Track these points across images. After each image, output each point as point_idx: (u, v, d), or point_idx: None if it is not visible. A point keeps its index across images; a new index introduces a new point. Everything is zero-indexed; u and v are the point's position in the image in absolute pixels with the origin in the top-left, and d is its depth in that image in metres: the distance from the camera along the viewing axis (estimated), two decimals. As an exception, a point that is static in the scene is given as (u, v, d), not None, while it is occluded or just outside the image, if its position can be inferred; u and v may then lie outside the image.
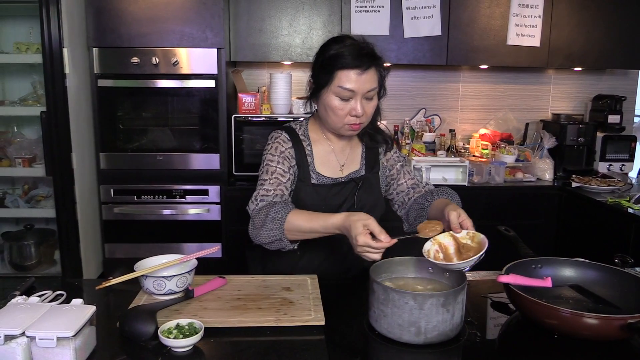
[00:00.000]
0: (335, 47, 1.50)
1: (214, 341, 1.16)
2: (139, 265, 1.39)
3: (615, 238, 2.61)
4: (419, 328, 1.14)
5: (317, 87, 1.54)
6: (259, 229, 1.46)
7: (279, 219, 1.43)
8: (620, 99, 3.37)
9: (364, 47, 1.49)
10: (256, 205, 1.51)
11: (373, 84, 1.50)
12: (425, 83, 3.56)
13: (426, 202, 1.60)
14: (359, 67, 1.46)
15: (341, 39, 1.53)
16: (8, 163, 2.86)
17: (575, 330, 1.17)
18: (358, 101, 1.49)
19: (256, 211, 1.50)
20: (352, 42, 1.50)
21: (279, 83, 2.99)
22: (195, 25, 2.80)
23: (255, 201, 1.53)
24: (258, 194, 1.53)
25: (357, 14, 3.05)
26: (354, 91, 1.47)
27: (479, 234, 1.33)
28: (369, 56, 1.48)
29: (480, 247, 1.30)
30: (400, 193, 1.70)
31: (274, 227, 1.43)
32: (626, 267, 1.47)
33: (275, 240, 1.45)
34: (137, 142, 2.94)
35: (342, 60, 1.46)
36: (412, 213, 1.65)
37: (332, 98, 1.50)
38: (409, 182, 1.71)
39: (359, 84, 1.47)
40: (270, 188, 1.53)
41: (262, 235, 1.45)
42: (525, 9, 3.12)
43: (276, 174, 1.55)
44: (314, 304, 1.33)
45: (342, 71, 1.46)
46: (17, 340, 1.00)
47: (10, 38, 2.97)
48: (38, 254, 2.91)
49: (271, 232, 1.44)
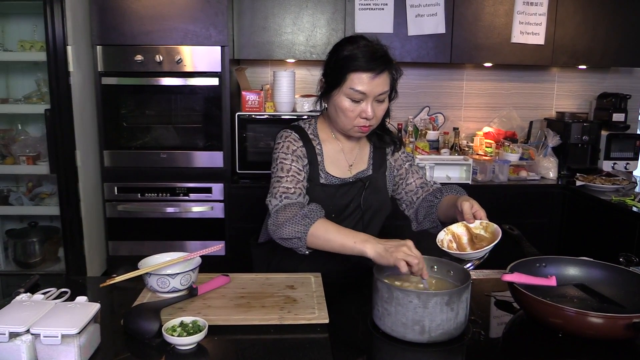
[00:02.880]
0: (349, 48, 1.48)
1: (218, 339, 1.16)
2: (142, 263, 1.39)
3: (619, 237, 2.61)
4: (423, 327, 1.14)
5: (328, 86, 1.52)
6: (284, 223, 1.42)
7: (310, 218, 1.40)
8: (625, 97, 3.36)
9: (377, 50, 1.48)
10: (279, 202, 1.47)
11: (385, 87, 1.48)
12: (429, 81, 3.55)
13: (435, 199, 1.60)
14: (372, 71, 1.44)
15: (355, 39, 1.51)
16: (12, 161, 2.87)
17: (580, 330, 1.16)
18: (369, 104, 1.47)
19: (281, 207, 1.45)
20: (366, 44, 1.48)
21: (283, 81, 2.99)
22: (199, 23, 2.80)
23: (278, 197, 1.48)
24: (278, 191, 1.48)
25: (361, 11, 3.04)
26: (366, 94, 1.46)
27: (492, 224, 1.35)
28: (383, 59, 1.47)
29: (494, 237, 1.32)
30: (409, 193, 1.69)
31: (303, 224, 1.39)
32: (631, 266, 1.46)
33: (295, 238, 1.41)
34: (141, 140, 2.94)
35: (355, 63, 1.45)
36: (421, 211, 1.64)
37: (343, 99, 1.48)
38: (418, 181, 1.70)
39: (371, 87, 1.45)
40: (290, 186, 1.49)
41: (285, 230, 1.41)
42: (529, 6, 3.11)
43: (292, 171, 1.52)
44: (318, 302, 1.33)
45: (355, 73, 1.45)
46: (22, 338, 1.00)
47: (15, 36, 2.97)
48: (42, 251, 2.92)
49: (296, 227, 1.40)
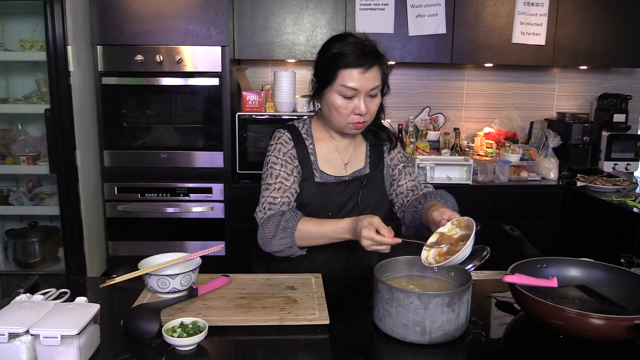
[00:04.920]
0: (338, 45, 1.49)
1: (218, 340, 1.16)
2: (142, 264, 1.39)
3: (620, 238, 2.60)
4: (423, 328, 1.13)
5: (320, 86, 1.53)
6: (270, 239, 1.48)
7: (290, 228, 1.45)
8: (626, 97, 3.36)
9: (366, 45, 1.48)
10: (264, 214, 1.53)
11: (376, 82, 1.49)
12: (429, 81, 3.55)
13: (419, 205, 1.61)
14: (361, 66, 1.45)
15: (343, 37, 1.52)
16: (12, 160, 2.87)
17: (581, 331, 1.16)
18: (361, 99, 1.48)
19: (265, 220, 1.51)
20: (355, 40, 1.49)
21: (283, 81, 2.99)
22: (200, 23, 2.80)
23: (263, 210, 1.54)
24: (265, 201, 1.54)
25: (361, 12, 3.04)
26: (357, 89, 1.46)
27: (463, 218, 1.31)
28: (372, 54, 1.47)
29: (470, 229, 1.27)
30: (399, 195, 1.70)
31: (285, 235, 1.46)
32: (632, 267, 1.45)
33: (285, 249, 1.48)
34: (141, 140, 2.94)
35: (345, 59, 1.45)
36: (407, 216, 1.66)
37: (335, 97, 1.49)
38: (409, 183, 1.70)
39: (362, 82, 1.46)
40: (277, 195, 1.53)
41: (274, 244, 1.48)
42: (530, 7, 3.11)
43: (280, 177, 1.55)
44: (318, 303, 1.32)
45: (345, 70, 1.46)
46: (21, 339, 1.00)
47: (15, 36, 2.97)
48: (42, 251, 2.92)
49: (282, 241, 1.47)
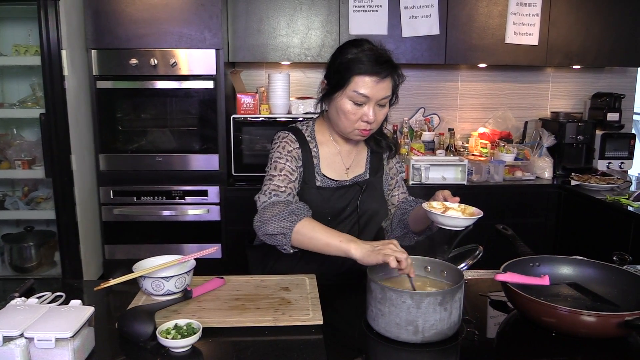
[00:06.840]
0: (354, 51, 1.48)
1: (212, 341, 1.16)
2: (137, 266, 1.39)
3: (614, 236, 2.62)
4: (416, 327, 1.14)
5: (331, 88, 1.52)
6: (269, 220, 1.42)
7: (298, 215, 1.41)
8: (619, 96, 3.37)
9: (382, 54, 1.48)
10: (268, 199, 1.48)
11: (387, 92, 1.49)
12: (423, 82, 3.56)
13: (410, 207, 1.64)
14: (377, 74, 1.45)
15: (359, 42, 1.51)
16: (8, 165, 2.87)
17: (573, 328, 1.17)
18: (371, 107, 1.48)
19: (269, 204, 1.46)
20: (371, 48, 1.49)
21: (278, 83, 2.99)
22: (194, 26, 2.81)
23: (267, 194, 1.49)
24: (269, 188, 1.50)
25: (355, 13, 3.05)
26: (369, 97, 1.47)
27: (470, 207, 1.40)
28: (388, 64, 1.47)
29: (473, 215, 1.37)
30: (390, 206, 1.72)
31: (290, 220, 1.40)
32: (624, 264, 1.47)
33: (279, 234, 1.42)
34: (137, 144, 2.94)
35: (360, 66, 1.45)
36: (394, 220, 1.68)
37: (345, 102, 1.49)
38: (401, 196, 1.73)
39: (375, 90, 1.46)
40: (281, 184, 1.51)
41: (270, 226, 1.42)
42: (523, 7, 3.13)
43: (285, 170, 1.53)
44: (312, 304, 1.33)
45: (359, 77, 1.45)
46: (16, 342, 1.00)
47: (9, 40, 2.97)
48: (38, 255, 2.91)
49: (282, 223, 1.41)
